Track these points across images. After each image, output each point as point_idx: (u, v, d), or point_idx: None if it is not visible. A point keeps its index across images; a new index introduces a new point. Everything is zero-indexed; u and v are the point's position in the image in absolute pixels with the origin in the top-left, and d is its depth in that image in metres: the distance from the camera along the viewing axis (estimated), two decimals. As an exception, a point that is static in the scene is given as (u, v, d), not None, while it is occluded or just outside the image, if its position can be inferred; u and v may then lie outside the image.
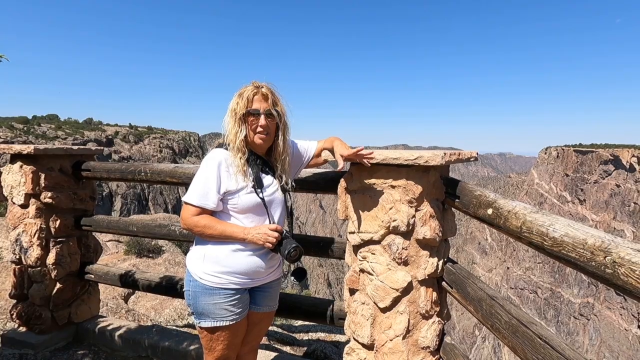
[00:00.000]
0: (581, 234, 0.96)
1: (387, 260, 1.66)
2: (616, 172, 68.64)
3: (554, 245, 1.03)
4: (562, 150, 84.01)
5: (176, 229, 2.47)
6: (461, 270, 1.65)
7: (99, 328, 2.85)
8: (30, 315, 2.69)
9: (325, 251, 2.15)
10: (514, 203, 1.29)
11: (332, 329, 3.41)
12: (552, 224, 1.06)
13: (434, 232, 1.60)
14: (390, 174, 1.62)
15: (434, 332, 1.67)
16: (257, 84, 1.68)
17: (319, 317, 2.20)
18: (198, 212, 1.62)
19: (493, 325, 1.35)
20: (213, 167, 1.63)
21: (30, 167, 2.57)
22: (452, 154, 1.60)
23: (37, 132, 63.06)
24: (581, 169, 76.59)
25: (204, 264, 1.65)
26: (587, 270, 0.94)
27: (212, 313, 1.64)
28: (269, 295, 1.82)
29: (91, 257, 2.97)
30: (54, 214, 2.69)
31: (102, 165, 2.70)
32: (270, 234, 1.60)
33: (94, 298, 3.02)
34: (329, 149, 1.80)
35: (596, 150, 75.33)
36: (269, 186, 1.71)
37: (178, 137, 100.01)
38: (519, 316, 1.26)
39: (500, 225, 1.29)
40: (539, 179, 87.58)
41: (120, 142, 79.96)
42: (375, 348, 1.75)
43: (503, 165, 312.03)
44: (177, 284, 2.55)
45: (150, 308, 5.41)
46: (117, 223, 2.72)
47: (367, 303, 1.75)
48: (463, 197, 1.55)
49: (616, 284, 0.86)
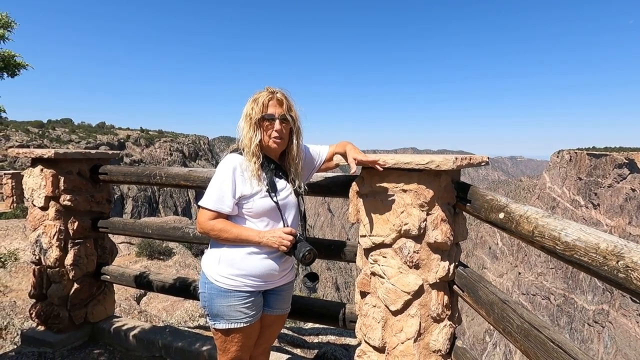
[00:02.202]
0: (593, 239, 0.97)
1: (399, 264, 1.68)
2: (631, 175, 67.14)
3: (566, 249, 1.04)
4: (575, 154, 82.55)
5: (190, 232, 2.53)
6: (472, 274, 1.66)
7: (114, 328, 2.91)
8: (49, 315, 2.77)
9: (337, 254, 2.17)
10: (525, 207, 1.30)
11: (342, 332, 3.42)
12: (564, 228, 1.07)
13: (445, 236, 1.61)
14: (401, 178, 1.65)
15: (445, 335, 1.68)
16: (271, 90, 1.72)
17: (330, 320, 2.22)
18: (214, 216, 1.66)
19: (505, 329, 1.36)
20: (228, 171, 1.67)
21: (50, 171, 2.65)
22: (464, 158, 1.62)
23: (51, 136, 64.49)
24: (595, 172, 75.10)
25: (219, 267, 1.68)
26: (600, 275, 0.95)
27: (226, 315, 1.67)
28: (282, 298, 1.85)
29: (107, 259, 3.04)
30: (72, 216, 2.77)
31: (119, 169, 2.77)
32: (285, 237, 1.64)
33: (109, 298, 3.09)
34: (341, 153, 1.82)
35: (610, 153, 73.87)
36: (282, 190, 1.74)
37: (188, 140, 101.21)
38: (531, 320, 1.26)
39: (512, 229, 1.30)
40: (551, 183, 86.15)
41: (131, 145, 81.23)
42: (387, 351, 1.76)
43: (514, 169, 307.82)
44: (191, 286, 2.60)
45: (162, 309, 5.49)
46: (133, 225, 2.79)
47: (379, 306, 1.77)
48: (474, 202, 1.56)
49: (629, 288, 0.86)
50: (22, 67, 1.87)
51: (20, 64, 1.86)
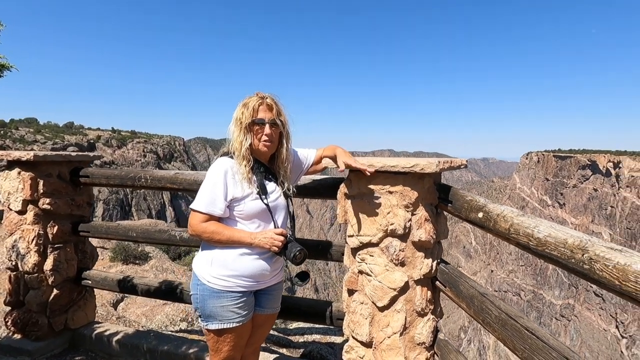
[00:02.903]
0: (562, 235, 1.08)
1: (385, 262, 1.76)
2: (593, 176, 71.06)
3: (539, 245, 1.15)
4: (542, 156, 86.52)
5: (176, 234, 2.53)
6: (453, 270, 1.77)
7: (96, 334, 2.86)
8: (27, 322, 2.68)
9: (324, 254, 2.24)
10: (502, 207, 1.41)
11: (327, 331, 3.49)
12: (536, 225, 1.19)
13: (428, 235, 1.72)
14: (388, 181, 1.74)
15: (429, 328, 1.78)
16: (261, 95, 1.77)
17: (317, 318, 2.28)
18: (206, 218, 1.69)
19: (484, 320, 1.47)
20: (220, 175, 1.70)
21: (28, 174, 2.58)
22: (446, 162, 1.72)
23: (14, 136, 61.21)
24: (561, 173, 78.99)
25: (211, 268, 1.72)
26: (568, 267, 1.06)
27: (219, 315, 1.70)
28: (273, 297, 1.90)
29: (87, 263, 2.98)
30: (52, 220, 2.70)
31: (101, 172, 2.73)
32: (276, 238, 1.69)
33: (90, 304, 3.02)
34: (330, 156, 1.90)
35: (574, 155, 77.90)
36: (272, 192, 1.79)
37: (163, 141, 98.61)
38: (507, 311, 1.38)
39: (490, 227, 1.41)
40: (520, 184, 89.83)
41: (102, 146, 78.37)
42: (374, 345, 1.84)
43: (486, 170, 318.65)
44: (177, 289, 2.60)
45: (141, 314, 5.37)
46: (117, 229, 2.75)
47: (366, 303, 1.85)
48: (455, 202, 1.67)
49: (593, 277, 0.98)
50: (6, 69, 1.82)
51: (5, 66, 1.82)
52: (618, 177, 65.03)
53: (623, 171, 64.24)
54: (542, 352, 1.17)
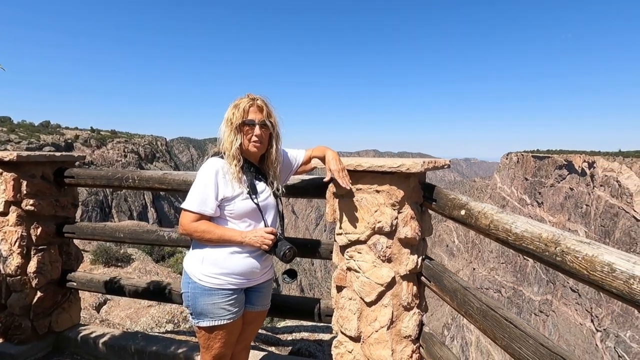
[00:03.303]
0: (537, 229, 1.17)
1: (373, 258, 1.83)
2: (569, 176, 73.59)
3: (516, 239, 1.24)
4: (521, 156, 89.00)
5: (165, 235, 2.52)
6: (437, 265, 1.85)
7: (82, 336, 2.82)
8: (9, 326, 2.63)
9: (313, 252, 2.29)
10: (482, 205, 1.50)
11: (315, 328, 3.53)
12: (514, 221, 1.27)
13: (414, 232, 1.79)
14: (375, 180, 1.80)
15: (414, 322, 1.85)
16: (252, 97, 1.81)
17: (307, 315, 2.33)
18: (197, 218, 1.71)
19: (467, 311, 1.55)
20: (211, 174, 1.73)
21: (11, 174, 2.53)
22: (430, 162, 1.80)
23: (-13, 136, 58.83)
24: (539, 173, 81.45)
25: (202, 266, 1.74)
26: (543, 260, 1.15)
27: (210, 313, 1.73)
28: (263, 294, 1.93)
29: (72, 265, 2.93)
30: (36, 222, 2.65)
31: (87, 172, 2.70)
32: (267, 237, 1.73)
33: (75, 306, 2.98)
34: (320, 157, 1.95)
35: (552, 155, 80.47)
36: (262, 192, 1.83)
37: (144, 141, 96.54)
38: (488, 302, 1.46)
39: (472, 224, 1.49)
40: (501, 183, 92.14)
41: (80, 146, 76.15)
42: (362, 340, 1.91)
43: (468, 170, 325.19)
44: (165, 289, 2.60)
45: (125, 317, 5.29)
46: (103, 230, 2.72)
47: (354, 298, 1.91)
48: (439, 200, 1.75)
49: (564, 269, 1.06)
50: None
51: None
52: (592, 176, 67.57)
53: (597, 171, 66.77)
54: (519, 339, 1.25)
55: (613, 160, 65.31)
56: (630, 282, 0.85)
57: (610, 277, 0.90)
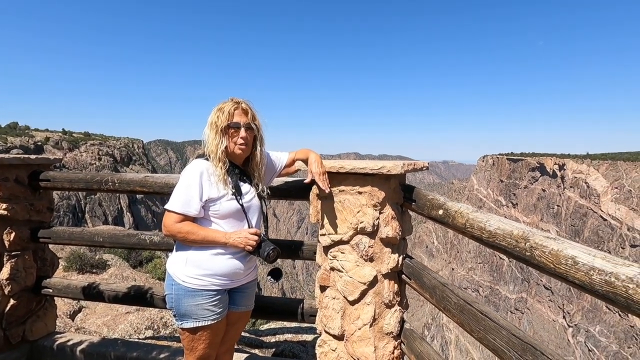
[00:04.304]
0: (508, 227, 1.25)
1: (356, 258, 1.88)
2: (542, 178, 76.45)
3: (490, 237, 1.31)
4: (497, 159, 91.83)
5: (146, 238, 2.50)
6: (417, 264, 1.92)
7: (58, 344, 2.74)
8: (-20, 335, 2.52)
9: (296, 253, 2.32)
10: (459, 204, 1.57)
11: (298, 329, 3.55)
12: (488, 220, 1.35)
13: (395, 232, 1.85)
14: (357, 182, 1.86)
15: (396, 319, 1.92)
16: (236, 100, 1.83)
17: (291, 316, 2.35)
18: (181, 219, 1.72)
19: (445, 307, 1.62)
20: (195, 176, 1.74)
21: (-18, 178, 2.44)
22: (409, 164, 1.87)
23: (-52, 138, 55.68)
24: (513, 175, 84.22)
25: (186, 268, 1.74)
26: (514, 255, 1.23)
27: (194, 314, 1.73)
28: (246, 295, 1.95)
29: (47, 271, 2.85)
30: (9, 227, 2.56)
31: (64, 176, 2.63)
32: (251, 238, 1.75)
33: (51, 314, 2.89)
34: (303, 159, 1.99)
35: (525, 158, 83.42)
36: (247, 193, 1.86)
37: (120, 144, 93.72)
38: (465, 297, 1.53)
39: (449, 223, 1.56)
40: (478, 185, 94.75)
41: (51, 149, 73.17)
42: (345, 338, 1.95)
43: (446, 172, 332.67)
44: (147, 293, 2.56)
45: (102, 325, 5.13)
46: (81, 234, 2.66)
47: (337, 297, 1.95)
48: (418, 201, 1.82)
49: (533, 263, 1.14)
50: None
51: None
52: (563, 178, 70.48)
53: (567, 173, 69.71)
54: (494, 331, 1.32)
55: (582, 162, 68.38)
56: (590, 274, 0.93)
57: (574, 270, 0.98)
